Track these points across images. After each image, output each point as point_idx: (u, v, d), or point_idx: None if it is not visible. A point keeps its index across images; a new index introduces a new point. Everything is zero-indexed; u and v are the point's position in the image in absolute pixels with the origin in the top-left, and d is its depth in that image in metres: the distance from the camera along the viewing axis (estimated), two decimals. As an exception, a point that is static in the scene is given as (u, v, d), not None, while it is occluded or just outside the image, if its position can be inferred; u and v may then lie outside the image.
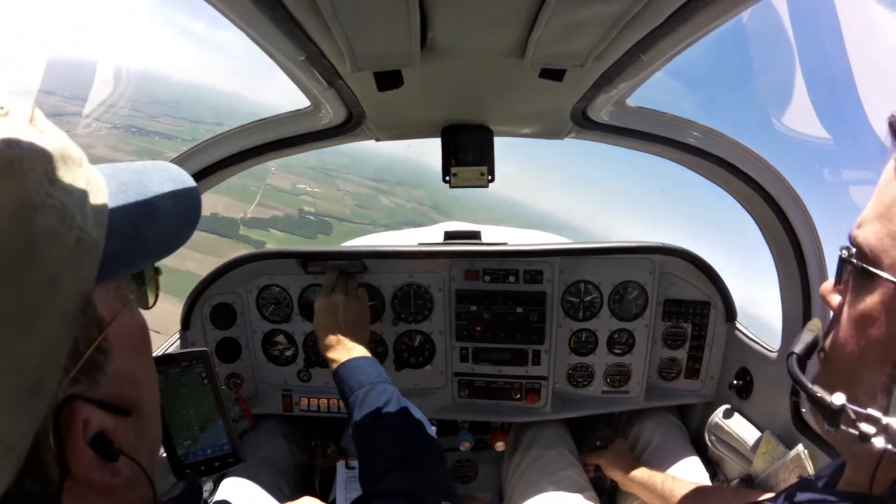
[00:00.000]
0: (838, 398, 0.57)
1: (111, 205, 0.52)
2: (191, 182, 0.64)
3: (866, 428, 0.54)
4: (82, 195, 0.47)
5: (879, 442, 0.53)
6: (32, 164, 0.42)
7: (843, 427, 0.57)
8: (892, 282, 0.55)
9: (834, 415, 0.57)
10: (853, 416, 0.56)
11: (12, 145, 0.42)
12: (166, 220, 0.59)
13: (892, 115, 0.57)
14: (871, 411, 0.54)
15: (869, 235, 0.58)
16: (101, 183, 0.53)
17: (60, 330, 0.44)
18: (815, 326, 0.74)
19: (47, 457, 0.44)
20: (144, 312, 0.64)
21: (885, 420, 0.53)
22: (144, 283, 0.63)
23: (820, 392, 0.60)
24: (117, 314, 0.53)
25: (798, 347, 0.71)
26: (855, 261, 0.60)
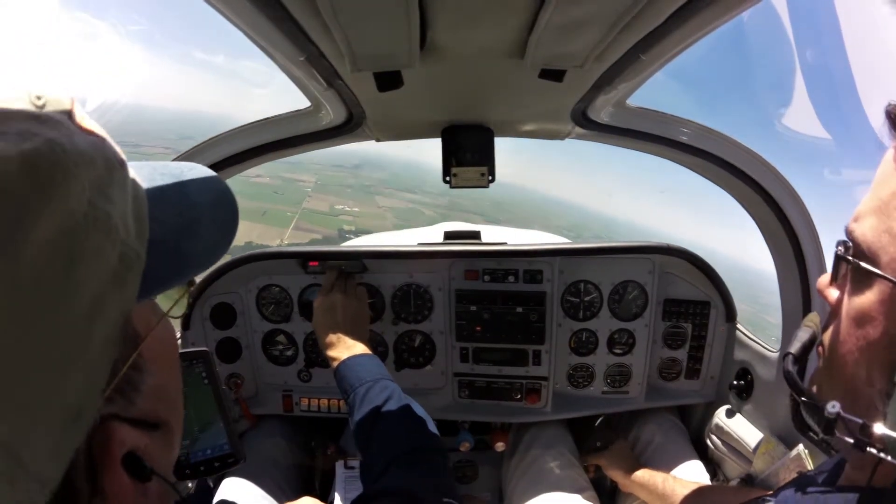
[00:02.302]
0: (833, 406, 0.56)
1: (152, 214, 0.47)
2: (227, 187, 0.60)
3: (861, 436, 0.53)
4: (124, 204, 0.42)
5: (874, 450, 0.52)
6: (76, 169, 0.37)
7: (838, 435, 0.56)
8: (891, 281, 0.53)
9: (829, 423, 0.56)
10: (848, 425, 0.55)
11: (53, 147, 0.35)
12: (207, 232, 0.55)
13: (890, 105, 0.55)
14: (865, 421, 0.53)
15: (866, 231, 0.57)
16: (141, 189, 0.48)
17: (102, 355, 0.40)
18: (812, 322, 0.72)
19: (79, 480, 0.40)
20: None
21: (879, 431, 0.52)
22: (177, 294, 0.59)
23: (815, 399, 0.59)
24: (152, 328, 0.50)
25: (794, 347, 0.69)
26: (851, 258, 0.58)
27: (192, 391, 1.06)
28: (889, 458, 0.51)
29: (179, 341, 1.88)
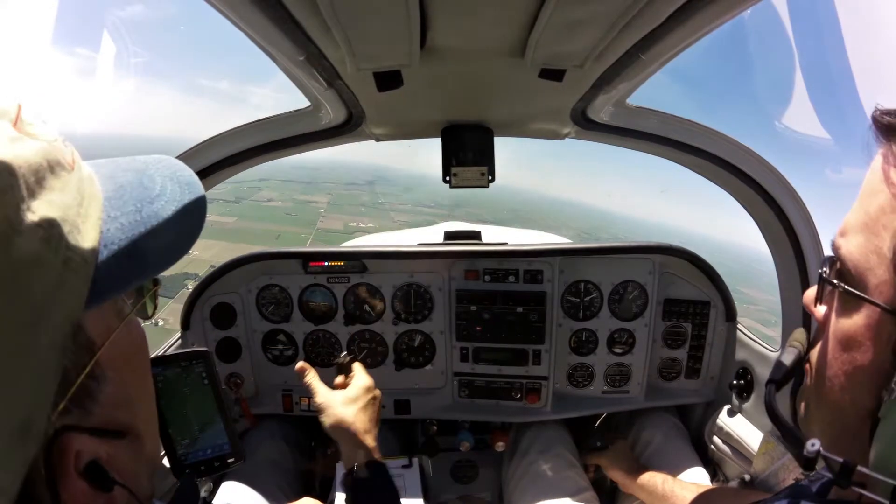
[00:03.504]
0: (812, 445, 0.53)
1: (106, 214, 0.47)
2: (195, 181, 0.57)
3: (842, 474, 0.51)
4: (71, 207, 0.42)
5: (855, 488, 0.50)
6: (11, 178, 0.36)
7: (818, 470, 0.54)
8: (879, 306, 0.50)
9: (809, 460, 0.54)
10: (829, 463, 0.52)
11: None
12: (168, 229, 0.52)
13: (876, 110, 0.52)
14: (846, 460, 0.50)
15: (853, 249, 0.53)
16: (96, 189, 0.47)
17: (48, 363, 0.39)
18: (798, 341, 0.70)
19: (39, 491, 0.40)
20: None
21: (860, 469, 0.49)
22: (142, 296, 0.57)
23: (797, 433, 0.58)
24: (111, 333, 0.48)
25: (778, 374, 0.67)
26: (836, 281, 0.55)
27: (192, 391, 1.06)
28: (871, 495, 0.49)
29: (179, 341, 1.88)
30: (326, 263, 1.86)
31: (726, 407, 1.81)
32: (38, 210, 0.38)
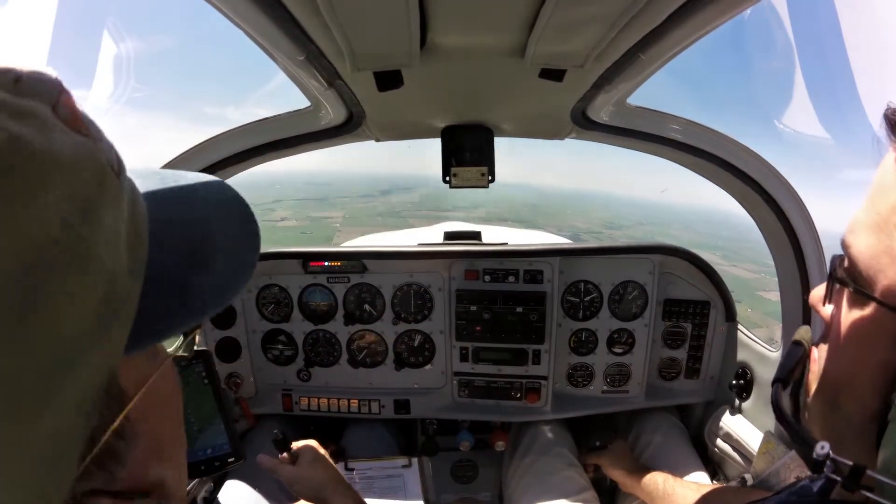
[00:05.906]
0: (822, 448, 0.53)
1: (154, 238, 0.39)
2: (249, 209, 0.51)
3: (851, 478, 0.50)
4: (117, 227, 0.33)
5: (863, 492, 0.50)
6: (47, 179, 0.28)
7: (826, 473, 0.53)
8: (888, 307, 0.50)
9: (818, 463, 0.53)
10: (838, 465, 0.52)
11: (18, 148, 0.26)
12: (223, 263, 0.45)
13: (888, 108, 0.51)
14: (855, 464, 0.50)
15: (863, 249, 0.52)
16: (142, 205, 0.38)
17: (74, 425, 0.31)
18: (803, 338, 0.69)
19: None
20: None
21: (870, 474, 0.49)
22: (181, 336, 0.50)
23: (805, 434, 0.57)
24: (144, 382, 0.42)
25: (783, 372, 0.67)
26: (846, 278, 0.55)
27: (192, 391, 1.06)
28: (878, 499, 0.49)
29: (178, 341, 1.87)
30: (326, 263, 1.87)
31: (726, 406, 1.81)
32: (77, 228, 0.29)
